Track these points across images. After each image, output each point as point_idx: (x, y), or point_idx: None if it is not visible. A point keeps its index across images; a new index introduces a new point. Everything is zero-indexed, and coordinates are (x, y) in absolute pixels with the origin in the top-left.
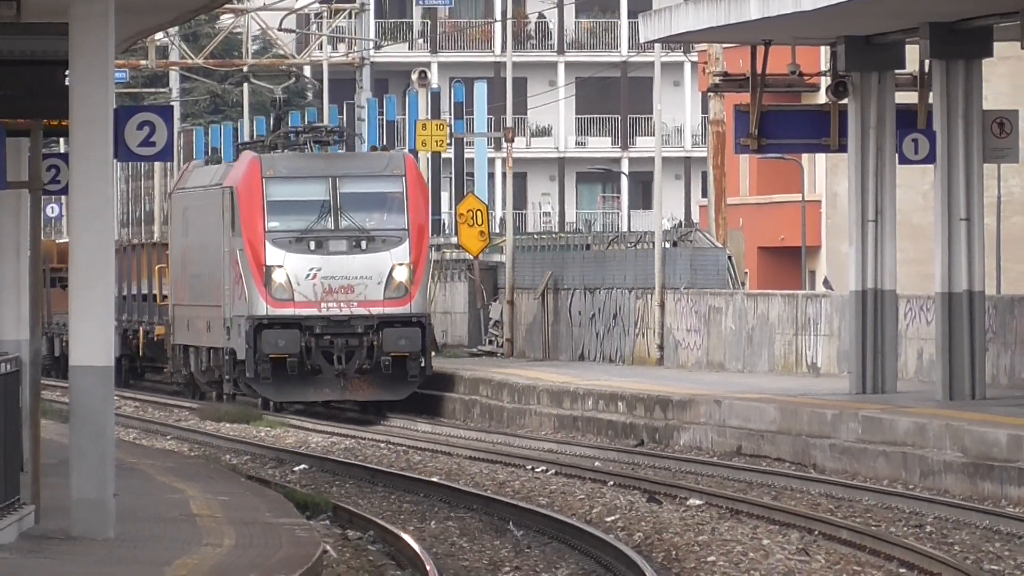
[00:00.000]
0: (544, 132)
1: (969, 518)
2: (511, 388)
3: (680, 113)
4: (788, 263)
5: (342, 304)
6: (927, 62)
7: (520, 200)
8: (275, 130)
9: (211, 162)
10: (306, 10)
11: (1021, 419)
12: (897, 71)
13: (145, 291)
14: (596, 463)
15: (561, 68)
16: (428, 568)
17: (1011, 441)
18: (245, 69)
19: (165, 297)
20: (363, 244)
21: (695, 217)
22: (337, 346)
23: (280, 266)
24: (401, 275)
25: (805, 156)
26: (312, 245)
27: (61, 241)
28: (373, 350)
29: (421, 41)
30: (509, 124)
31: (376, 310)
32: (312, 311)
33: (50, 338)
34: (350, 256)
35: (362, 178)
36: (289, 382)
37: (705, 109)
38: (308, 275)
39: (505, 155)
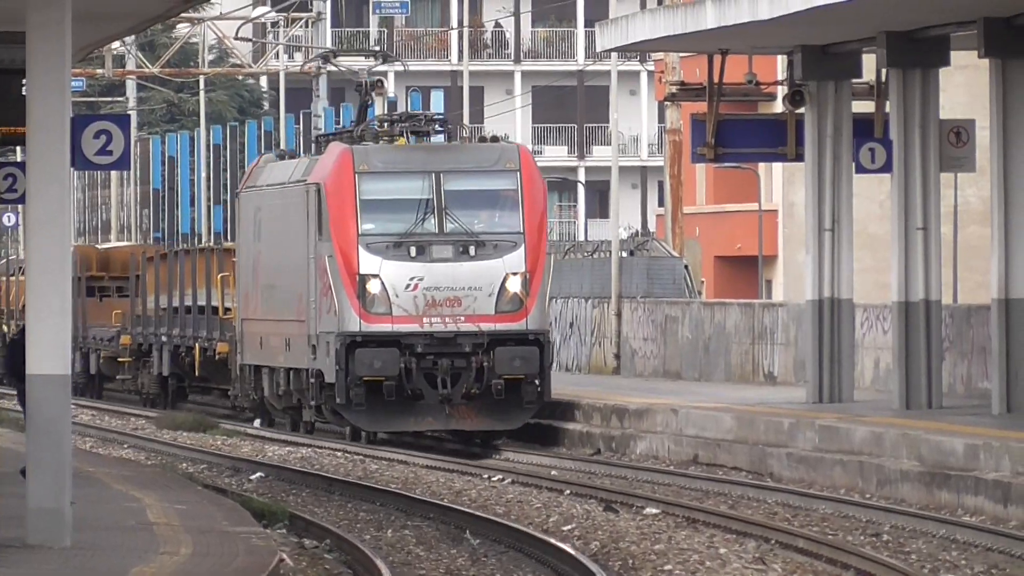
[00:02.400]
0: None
1: (926, 527)
2: None
3: (637, 122)
4: (745, 272)
5: (447, 319)
6: (884, 71)
7: None
8: (361, 119)
9: (285, 156)
10: (262, 19)
11: (977, 428)
12: (854, 80)
13: (202, 302)
14: (552, 472)
15: (518, 77)
16: (383, 574)
17: (967, 450)
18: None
19: (229, 310)
20: (471, 250)
21: (652, 226)
22: (441, 368)
23: (376, 275)
24: (515, 286)
25: (762, 165)
26: (412, 251)
27: (104, 247)
28: (483, 372)
29: (378, 48)
30: (466, 133)
31: (487, 326)
32: (413, 327)
33: (85, 354)
34: (456, 264)
35: (470, 173)
36: (386, 409)
37: (662, 118)
38: (408, 286)
39: None
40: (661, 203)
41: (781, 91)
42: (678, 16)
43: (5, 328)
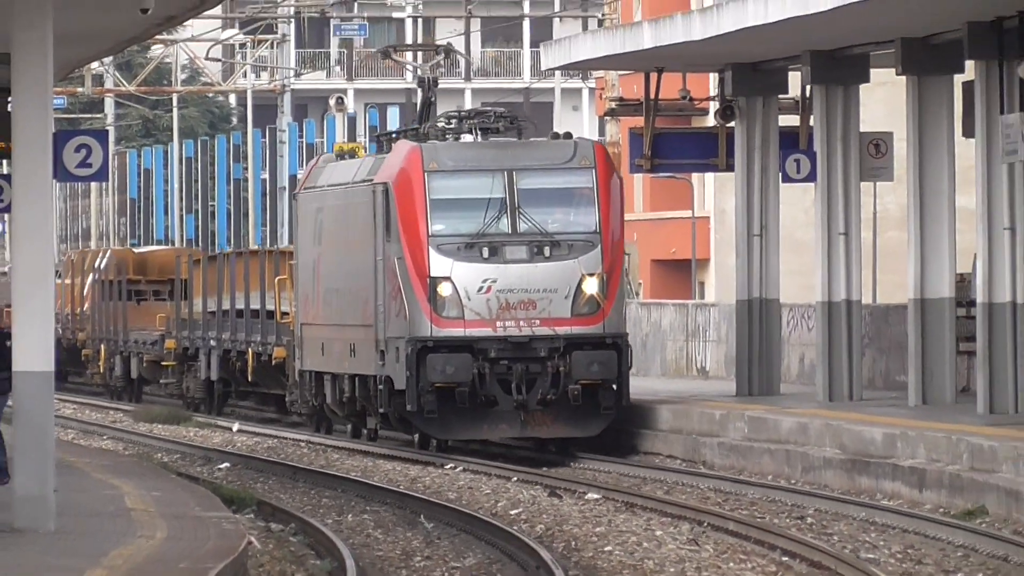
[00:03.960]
0: None
1: (847, 510)
2: None
3: (579, 135)
4: (679, 275)
5: (522, 323)
6: (808, 87)
7: None
8: (423, 117)
9: (345, 156)
10: (231, 41)
11: (895, 419)
12: (780, 96)
13: (255, 306)
14: (500, 461)
15: (468, 94)
16: (345, 557)
17: (886, 439)
18: (174, 96)
19: (286, 314)
20: (546, 250)
21: None
22: (516, 373)
23: (447, 278)
24: (592, 287)
25: (695, 175)
26: (485, 252)
27: (140, 250)
28: (559, 377)
29: (338, 69)
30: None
31: (563, 330)
32: (486, 331)
33: (125, 358)
34: (531, 265)
35: (544, 171)
36: (459, 417)
37: (602, 132)
38: (480, 288)
39: None
40: None
41: (713, 106)
42: (617, 37)
43: None
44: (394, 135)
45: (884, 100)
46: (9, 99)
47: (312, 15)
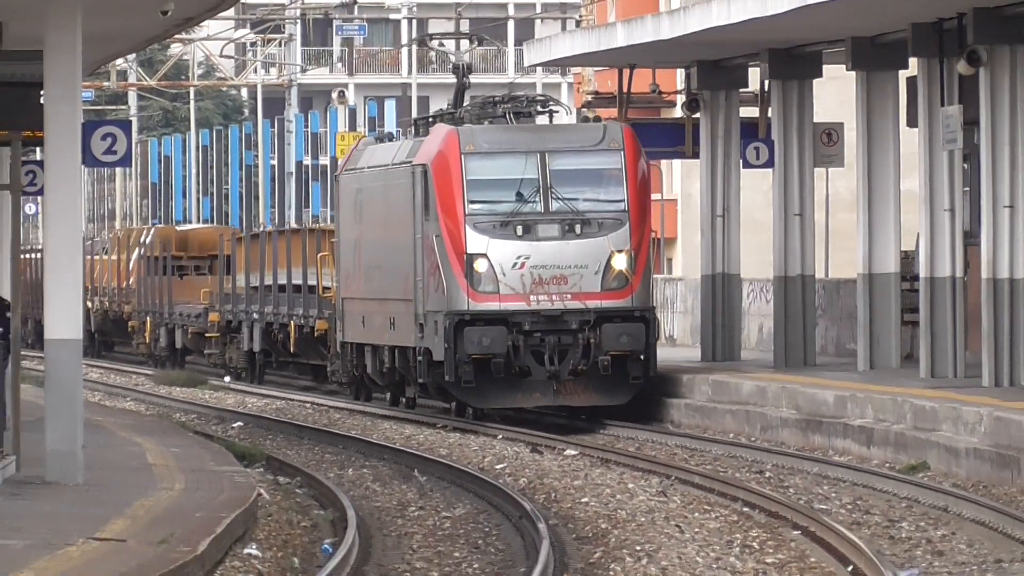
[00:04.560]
0: None
1: (802, 465)
2: None
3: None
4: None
5: (554, 297)
6: (767, 82)
7: None
8: (458, 101)
9: (384, 139)
10: (243, 39)
11: (845, 382)
12: (741, 89)
13: (297, 281)
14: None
15: None
16: (346, 508)
17: (837, 400)
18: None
19: (328, 289)
20: (577, 228)
21: None
22: (548, 345)
23: (483, 254)
24: (621, 263)
25: (664, 161)
26: (519, 230)
27: (183, 228)
28: (589, 349)
29: (340, 65)
30: (568, 114)
31: (593, 303)
32: (520, 305)
33: (170, 329)
34: (563, 242)
35: (575, 152)
36: (495, 386)
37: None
38: (515, 264)
39: None
40: None
41: (680, 99)
42: (593, 36)
43: (88, 304)
44: (431, 119)
45: (835, 93)
46: (42, 92)
47: (316, 16)
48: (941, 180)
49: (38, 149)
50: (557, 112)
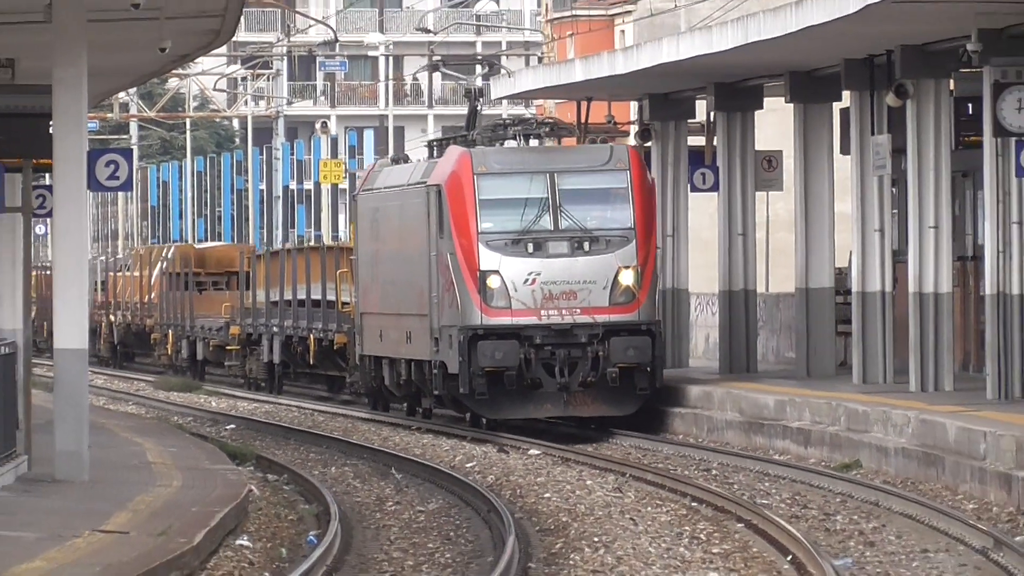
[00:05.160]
0: None
1: (745, 464)
2: None
3: None
4: None
5: (564, 312)
6: (712, 113)
7: None
8: (470, 125)
9: (400, 161)
10: (234, 74)
11: (785, 388)
12: (689, 120)
13: (317, 296)
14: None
15: (430, 119)
16: (329, 503)
17: (777, 404)
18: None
19: (347, 304)
20: (586, 245)
21: None
22: (559, 358)
23: (495, 271)
24: (628, 279)
25: None
26: (530, 247)
27: (201, 246)
28: (598, 361)
29: (323, 98)
30: (575, 136)
31: (601, 318)
32: (531, 320)
33: (192, 342)
34: (572, 259)
35: (583, 172)
36: (508, 398)
37: None
38: (526, 280)
39: None
40: None
41: (633, 129)
42: (553, 71)
43: (112, 318)
44: (445, 141)
45: (775, 123)
46: (51, 123)
47: (301, 53)
48: (872, 203)
49: (47, 175)
50: (563, 135)
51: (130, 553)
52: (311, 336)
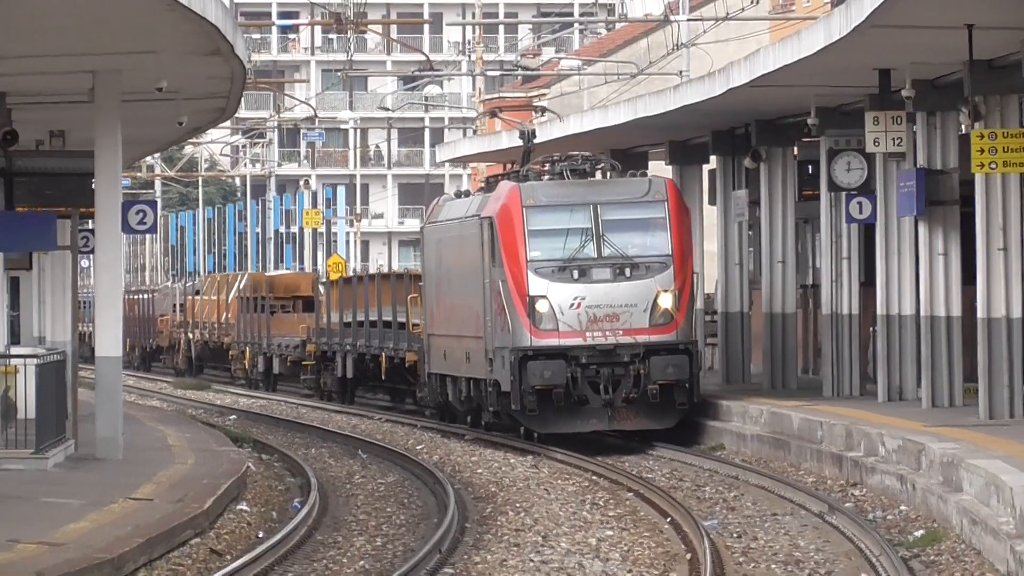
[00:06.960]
0: (379, 216)
1: (635, 447)
2: None
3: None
4: None
5: (607, 333)
6: (610, 173)
7: (364, 257)
8: (525, 162)
9: (461, 195)
10: (236, 142)
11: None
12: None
13: (388, 318)
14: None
15: (389, 178)
16: (310, 476)
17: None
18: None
19: (416, 325)
20: (627, 271)
21: None
22: (603, 376)
23: (544, 296)
24: (666, 302)
25: None
26: (575, 274)
27: (271, 274)
28: (640, 379)
29: (306, 161)
30: (358, 211)
31: (642, 338)
32: (577, 341)
33: (268, 358)
34: (614, 284)
35: (624, 204)
36: (556, 414)
37: None
38: (572, 304)
39: (355, 230)
40: None
41: None
42: (485, 141)
43: (190, 335)
44: (499, 177)
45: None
46: (93, 180)
47: (288, 126)
48: (733, 242)
49: (90, 221)
50: (605, 169)
51: (155, 515)
52: (383, 354)
